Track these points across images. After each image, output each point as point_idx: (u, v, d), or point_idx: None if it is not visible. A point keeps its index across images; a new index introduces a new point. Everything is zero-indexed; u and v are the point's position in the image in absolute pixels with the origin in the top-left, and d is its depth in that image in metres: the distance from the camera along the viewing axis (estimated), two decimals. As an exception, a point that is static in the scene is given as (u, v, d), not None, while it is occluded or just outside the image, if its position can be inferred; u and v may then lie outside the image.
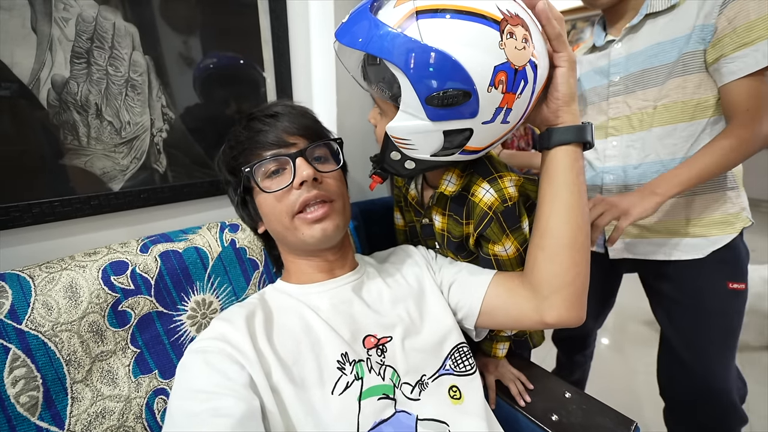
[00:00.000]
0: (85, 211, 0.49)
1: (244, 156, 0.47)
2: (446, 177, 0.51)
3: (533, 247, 0.46)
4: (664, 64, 0.64)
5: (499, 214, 0.47)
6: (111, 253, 0.43)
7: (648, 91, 0.67)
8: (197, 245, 0.50)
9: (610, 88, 0.71)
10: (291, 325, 0.44)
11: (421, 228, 0.61)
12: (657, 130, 0.66)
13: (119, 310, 0.42)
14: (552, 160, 0.43)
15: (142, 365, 0.43)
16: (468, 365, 0.48)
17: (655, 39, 0.64)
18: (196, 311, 0.49)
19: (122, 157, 0.52)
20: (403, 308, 0.49)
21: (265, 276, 0.57)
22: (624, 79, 0.69)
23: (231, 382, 0.35)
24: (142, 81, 0.51)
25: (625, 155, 0.71)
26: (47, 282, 0.38)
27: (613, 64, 0.70)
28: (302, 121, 0.48)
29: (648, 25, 0.66)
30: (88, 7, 0.45)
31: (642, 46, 0.66)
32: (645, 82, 0.67)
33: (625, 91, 0.70)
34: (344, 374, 0.41)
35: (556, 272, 0.43)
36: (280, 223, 0.46)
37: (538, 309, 0.44)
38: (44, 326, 0.37)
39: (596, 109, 0.75)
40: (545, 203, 0.44)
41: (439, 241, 0.58)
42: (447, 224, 0.54)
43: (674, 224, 0.69)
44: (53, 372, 0.37)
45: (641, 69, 0.67)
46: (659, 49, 0.64)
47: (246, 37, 0.62)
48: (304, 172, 0.43)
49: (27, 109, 0.43)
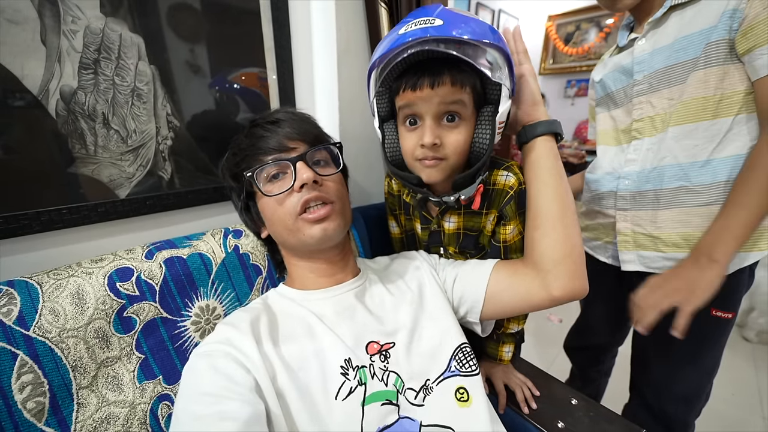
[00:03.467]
0: (93, 218, 0.50)
1: (246, 162, 0.48)
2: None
3: (529, 230, 0.50)
4: (691, 59, 0.57)
5: (517, 194, 0.51)
6: (117, 260, 0.44)
7: (673, 89, 0.60)
8: (201, 251, 0.50)
9: (634, 87, 0.65)
10: (295, 331, 0.44)
11: (428, 236, 0.60)
12: (674, 129, 0.59)
13: (124, 316, 0.42)
14: (532, 150, 0.49)
15: (147, 371, 0.44)
16: (473, 365, 0.48)
17: (682, 32, 0.57)
18: (200, 317, 0.49)
19: (128, 165, 0.53)
20: (405, 314, 0.49)
21: (268, 281, 0.57)
22: (648, 77, 0.62)
23: (237, 386, 0.35)
24: (148, 90, 0.52)
25: (643, 159, 0.64)
26: (54, 288, 0.39)
27: (636, 62, 0.64)
28: (303, 127, 0.49)
29: (674, 17, 0.59)
30: (95, 19, 0.47)
31: (668, 41, 0.59)
32: (671, 79, 0.60)
33: (649, 90, 0.63)
34: (347, 380, 0.41)
35: (553, 245, 0.47)
36: (282, 225, 0.47)
37: (544, 283, 0.47)
38: (51, 332, 0.37)
39: (624, 110, 0.68)
40: (532, 187, 0.49)
41: (448, 243, 0.59)
42: (464, 221, 0.55)
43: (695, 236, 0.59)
44: (59, 378, 0.37)
45: (666, 65, 0.59)
46: (687, 42, 0.57)
47: (249, 46, 0.63)
48: (304, 174, 0.44)
49: (36, 119, 0.44)
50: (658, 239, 0.64)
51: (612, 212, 0.70)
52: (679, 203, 0.60)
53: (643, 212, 0.65)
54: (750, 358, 1.41)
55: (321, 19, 0.68)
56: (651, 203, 0.63)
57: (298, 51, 0.68)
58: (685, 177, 0.59)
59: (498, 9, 3.07)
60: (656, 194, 0.62)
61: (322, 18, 0.68)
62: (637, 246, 0.67)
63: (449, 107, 0.44)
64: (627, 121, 0.68)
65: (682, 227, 0.61)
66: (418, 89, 0.42)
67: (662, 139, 0.61)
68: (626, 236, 0.68)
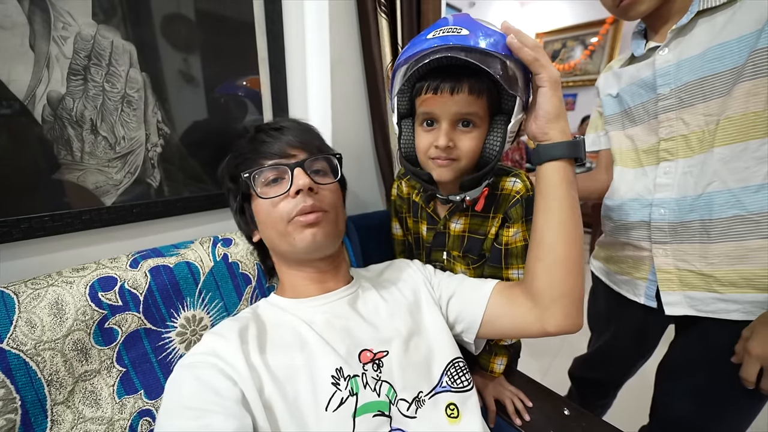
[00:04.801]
0: (76, 226, 0.49)
1: (246, 164, 0.48)
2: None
3: (531, 258, 0.46)
4: (729, 69, 0.50)
5: (524, 200, 0.52)
6: (100, 269, 0.43)
7: (710, 103, 0.53)
8: (189, 260, 0.49)
9: (659, 102, 0.58)
10: (285, 340, 0.43)
11: (433, 237, 0.62)
12: (720, 150, 0.52)
13: (106, 327, 0.41)
14: (543, 175, 0.44)
15: (128, 385, 0.42)
16: (465, 381, 0.47)
17: (715, 40, 0.51)
18: (186, 328, 0.48)
19: (116, 172, 0.52)
20: (399, 322, 0.49)
21: (257, 291, 0.56)
22: (676, 91, 0.56)
23: (222, 399, 0.34)
24: (139, 97, 0.52)
25: (681, 184, 0.57)
26: (32, 299, 0.37)
27: (659, 74, 0.57)
28: (305, 136, 0.50)
29: (702, 24, 0.53)
30: (87, 26, 0.46)
31: (698, 50, 0.53)
32: (706, 92, 0.53)
33: (679, 105, 0.56)
34: (339, 390, 0.40)
35: (554, 283, 0.44)
36: (274, 229, 0.47)
37: (539, 318, 0.46)
38: (26, 345, 0.35)
39: (646, 128, 0.62)
40: (540, 216, 0.45)
41: (452, 247, 0.60)
42: (470, 224, 0.57)
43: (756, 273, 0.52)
44: (33, 393, 0.35)
45: (699, 77, 0.53)
46: (723, 51, 0.51)
47: (243, 56, 0.63)
48: (301, 181, 0.44)
49: (21, 125, 0.43)
50: (712, 278, 0.55)
51: (646, 245, 0.62)
52: (734, 235, 0.53)
53: (689, 246, 0.57)
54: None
55: (315, 29, 0.69)
56: (698, 236, 0.56)
57: (292, 61, 0.69)
58: (739, 204, 0.51)
59: (487, 26, 3.18)
60: (704, 225, 0.55)
61: (315, 29, 0.69)
62: (683, 286, 0.58)
63: (465, 115, 0.47)
64: (651, 140, 0.61)
65: (740, 264, 0.53)
66: (438, 93, 0.45)
67: (704, 161, 0.54)
68: (668, 274, 0.59)
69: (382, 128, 0.77)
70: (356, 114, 0.79)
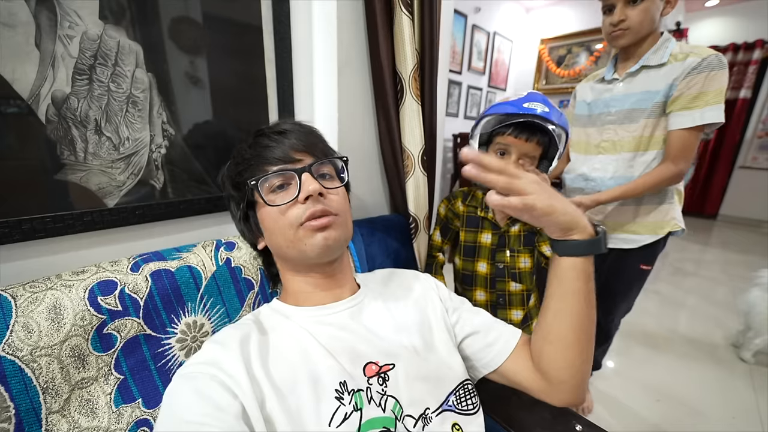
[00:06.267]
0: (77, 228, 0.48)
1: (250, 171, 0.46)
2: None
3: (539, 337, 0.46)
4: (644, 108, 0.86)
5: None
6: (100, 272, 0.42)
7: (631, 125, 0.89)
8: (191, 264, 0.48)
9: (608, 117, 0.93)
10: (287, 350, 0.41)
11: (498, 239, 0.78)
12: (625, 155, 0.91)
13: (104, 333, 0.40)
14: (560, 266, 0.42)
15: (125, 394, 0.41)
16: (472, 404, 0.46)
17: (646, 87, 0.85)
18: (186, 334, 0.46)
19: (119, 173, 0.51)
20: (406, 337, 0.47)
21: (260, 297, 0.55)
22: (618, 112, 0.91)
23: (221, 413, 0.33)
24: (144, 98, 0.51)
25: (604, 169, 0.94)
26: (30, 302, 0.36)
27: (613, 99, 0.91)
28: (309, 139, 0.48)
29: (643, 74, 0.86)
30: (93, 25, 0.46)
31: (637, 90, 0.87)
32: (631, 118, 0.89)
33: (617, 122, 0.92)
34: (342, 404, 0.38)
35: (561, 368, 0.44)
36: (282, 236, 0.45)
37: (547, 393, 0.46)
38: (22, 350, 0.34)
39: (597, 130, 0.96)
40: (552, 302, 0.44)
41: (513, 244, 0.77)
42: (525, 225, 0.76)
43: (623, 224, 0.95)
44: (28, 401, 0.34)
45: (632, 107, 0.88)
46: (646, 96, 0.85)
47: (249, 57, 0.62)
48: (310, 186, 0.43)
49: (25, 124, 0.43)
50: (605, 224, 0.95)
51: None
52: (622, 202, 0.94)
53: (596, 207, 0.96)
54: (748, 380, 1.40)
55: (322, 31, 0.68)
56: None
57: (299, 63, 0.68)
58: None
59: (493, 32, 3.18)
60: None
61: (323, 31, 0.68)
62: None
63: (527, 155, 0.68)
64: (597, 139, 0.96)
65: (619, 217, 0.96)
66: (518, 138, 0.66)
67: (617, 159, 0.92)
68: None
69: (389, 133, 0.76)
70: (363, 118, 0.78)
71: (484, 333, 0.52)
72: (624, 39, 0.85)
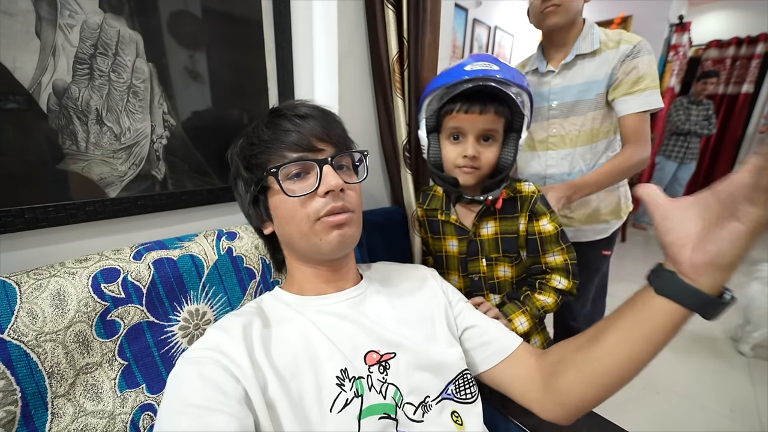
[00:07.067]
0: (80, 218, 0.48)
1: (266, 154, 0.45)
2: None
3: (570, 363, 0.41)
4: (589, 99, 0.85)
5: (539, 197, 0.64)
6: (103, 260, 0.42)
7: (577, 118, 0.88)
8: (192, 253, 0.49)
9: (549, 111, 0.91)
10: (289, 337, 0.42)
11: (467, 246, 0.67)
12: (580, 149, 0.90)
13: (108, 319, 0.40)
14: (652, 307, 0.34)
15: (129, 379, 0.41)
16: (470, 393, 0.46)
17: (586, 77, 0.84)
18: (189, 322, 0.47)
19: (120, 163, 0.51)
20: (408, 328, 0.47)
21: (261, 286, 0.55)
22: (560, 105, 0.89)
23: (224, 397, 0.33)
24: (145, 88, 0.51)
25: (559, 165, 0.93)
26: (34, 289, 0.37)
27: (552, 92, 0.89)
28: (332, 127, 0.46)
29: (579, 63, 0.85)
30: (93, 14, 0.46)
31: (577, 81, 0.85)
32: (576, 111, 0.87)
33: (561, 115, 0.90)
34: (343, 391, 0.39)
35: (577, 397, 0.41)
36: (297, 227, 0.44)
37: (541, 405, 0.45)
38: (27, 335, 0.35)
39: (541, 126, 0.94)
40: (613, 338, 0.37)
41: (489, 251, 0.66)
42: (500, 226, 0.65)
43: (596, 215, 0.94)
44: (34, 385, 0.35)
45: (574, 100, 0.86)
46: (587, 87, 0.84)
47: (249, 47, 0.62)
48: (333, 181, 0.42)
49: (26, 114, 0.43)
50: (573, 218, 0.94)
51: None
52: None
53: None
54: (746, 373, 1.41)
55: (323, 22, 0.68)
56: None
57: (299, 54, 0.68)
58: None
59: (494, 26, 3.16)
60: None
61: (323, 21, 0.68)
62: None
63: (487, 132, 0.58)
64: (543, 134, 0.93)
65: (586, 209, 0.93)
66: (469, 113, 0.56)
67: (572, 154, 0.90)
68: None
69: (388, 124, 0.76)
70: (363, 109, 0.78)
71: (483, 330, 0.52)
72: (557, 16, 0.80)
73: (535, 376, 0.46)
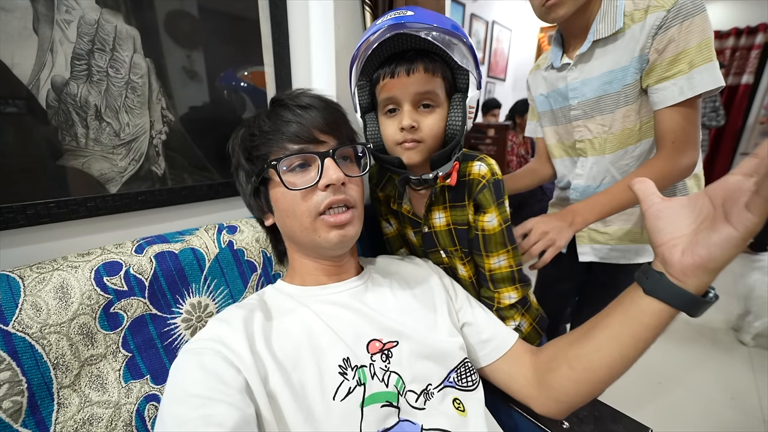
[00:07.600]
0: (81, 213, 0.48)
1: (267, 145, 0.44)
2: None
3: (563, 360, 0.42)
4: (614, 92, 0.66)
5: (491, 184, 0.52)
6: (105, 254, 0.42)
7: (605, 117, 0.69)
8: (194, 246, 0.49)
9: (570, 111, 0.74)
10: (291, 328, 0.42)
11: (422, 239, 0.61)
12: (609, 156, 0.71)
13: (111, 312, 0.41)
14: (639, 306, 0.35)
15: (134, 370, 0.42)
16: (472, 381, 0.47)
17: (606, 67, 0.66)
18: (191, 314, 0.47)
19: (120, 159, 0.51)
20: (409, 317, 0.48)
21: (263, 278, 0.56)
22: (582, 104, 0.71)
23: (226, 387, 0.33)
24: (143, 83, 0.52)
25: (588, 175, 0.76)
26: (37, 282, 0.37)
27: (570, 88, 0.72)
28: (334, 119, 0.46)
29: (598, 51, 0.66)
30: (90, 10, 0.46)
31: (595, 73, 0.67)
32: (602, 107, 0.69)
33: (584, 116, 0.72)
34: (346, 379, 0.39)
35: (569, 393, 0.42)
36: (298, 222, 0.44)
37: (536, 401, 0.46)
38: (32, 328, 0.35)
39: (566, 129, 0.78)
40: (602, 335, 0.38)
41: (445, 244, 0.59)
42: (451, 216, 0.56)
43: (636, 234, 0.76)
44: (39, 376, 0.35)
45: (597, 95, 0.68)
46: (611, 77, 0.65)
47: (247, 42, 0.62)
48: (334, 175, 0.42)
49: (25, 110, 0.43)
50: (608, 234, 0.78)
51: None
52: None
53: None
54: (747, 362, 1.41)
55: (319, 16, 0.68)
56: None
57: (296, 48, 0.68)
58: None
59: (492, 20, 3.15)
60: None
61: (320, 15, 0.68)
62: (591, 240, 0.80)
63: (424, 97, 0.48)
64: (570, 139, 0.78)
65: (624, 224, 0.76)
66: (396, 76, 0.47)
67: (600, 161, 0.73)
68: (581, 233, 0.81)
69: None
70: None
71: (481, 329, 0.53)
72: (562, 8, 0.61)
73: (529, 373, 0.47)
